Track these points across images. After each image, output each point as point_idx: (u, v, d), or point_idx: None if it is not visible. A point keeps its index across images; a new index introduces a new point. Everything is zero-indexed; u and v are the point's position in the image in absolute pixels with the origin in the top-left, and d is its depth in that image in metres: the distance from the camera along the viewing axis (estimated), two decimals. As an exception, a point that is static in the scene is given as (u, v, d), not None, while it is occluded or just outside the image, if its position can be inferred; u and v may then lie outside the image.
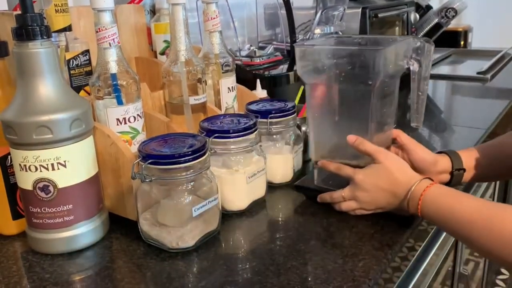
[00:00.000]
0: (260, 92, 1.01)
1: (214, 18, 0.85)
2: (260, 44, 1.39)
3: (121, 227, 0.72)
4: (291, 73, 1.13)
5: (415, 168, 0.73)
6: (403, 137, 0.77)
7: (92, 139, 0.67)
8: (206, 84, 0.86)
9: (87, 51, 0.77)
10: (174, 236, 0.64)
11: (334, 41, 0.84)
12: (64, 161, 0.62)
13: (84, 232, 0.66)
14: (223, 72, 0.88)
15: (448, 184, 0.76)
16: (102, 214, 0.69)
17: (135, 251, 0.66)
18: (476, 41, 2.32)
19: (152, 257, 0.64)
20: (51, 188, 0.62)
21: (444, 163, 0.75)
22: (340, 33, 1.24)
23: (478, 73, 1.64)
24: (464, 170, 0.75)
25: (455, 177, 0.75)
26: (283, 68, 1.17)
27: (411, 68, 0.74)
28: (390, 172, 0.68)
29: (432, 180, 0.66)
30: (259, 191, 0.77)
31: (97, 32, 0.68)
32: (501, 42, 2.24)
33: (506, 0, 2.85)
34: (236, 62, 1.12)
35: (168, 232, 0.64)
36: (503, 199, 1.80)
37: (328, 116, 0.77)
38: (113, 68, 0.69)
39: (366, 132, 0.73)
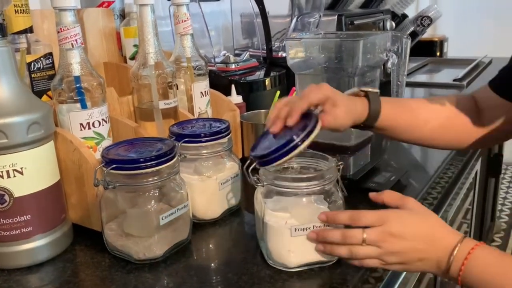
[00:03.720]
0: (235, 98, 0.99)
1: (185, 21, 0.82)
2: (236, 52, 1.37)
3: (86, 239, 0.68)
4: (267, 79, 1.11)
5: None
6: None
7: (52, 145, 0.63)
8: (177, 89, 0.83)
9: (50, 54, 0.73)
10: (141, 247, 0.60)
11: (320, 36, 0.89)
12: (21, 168, 0.58)
13: (43, 244, 0.61)
14: (195, 76, 0.85)
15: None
16: (65, 225, 0.65)
17: (100, 263, 0.62)
18: (451, 51, 2.36)
19: (117, 269, 0.60)
20: (6, 197, 0.58)
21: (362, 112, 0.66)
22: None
23: (454, 80, 1.65)
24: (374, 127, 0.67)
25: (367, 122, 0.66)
26: (259, 74, 1.15)
27: (390, 60, 0.77)
28: (428, 222, 0.54)
29: (473, 239, 0.54)
30: (233, 198, 0.74)
31: (58, 32, 0.64)
32: (475, 51, 2.28)
33: (480, 12, 2.92)
34: (211, 68, 1.09)
35: (134, 242, 0.60)
36: (482, 207, 1.80)
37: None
38: (76, 70, 0.66)
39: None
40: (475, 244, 0.52)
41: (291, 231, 0.57)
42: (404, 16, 1.75)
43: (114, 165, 0.57)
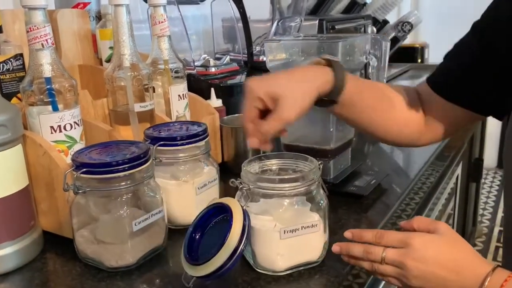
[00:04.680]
0: (215, 102, 0.97)
1: (162, 22, 0.80)
2: (217, 56, 1.36)
3: (57, 246, 0.65)
4: (248, 83, 1.09)
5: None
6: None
7: (20, 149, 0.60)
8: (154, 92, 0.81)
9: (21, 55, 0.71)
10: (113, 254, 0.58)
11: (300, 38, 0.87)
12: (-14, 173, 0.55)
13: (10, 253, 0.58)
14: (173, 78, 0.83)
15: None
16: (34, 232, 0.62)
17: (70, 271, 0.59)
18: (432, 57, 2.38)
19: (88, 278, 0.58)
20: (-31, 203, 0.55)
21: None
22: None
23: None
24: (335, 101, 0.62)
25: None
26: (240, 78, 1.14)
27: (370, 62, 0.76)
28: (457, 250, 0.52)
29: (503, 268, 0.51)
30: (211, 203, 0.72)
31: (28, 32, 0.62)
32: (456, 57, 2.29)
33: (460, 18, 2.95)
34: (190, 72, 1.07)
35: (106, 249, 0.58)
36: (464, 212, 1.81)
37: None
38: (47, 71, 0.63)
39: (329, 122, 0.76)
40: (509, 275, 0.49)
41: (280, 233, 0.55)
42: (385, 22, 1.77)
43: (84, 169, 0.55)
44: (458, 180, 1.51)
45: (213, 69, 1.10)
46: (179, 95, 0.84)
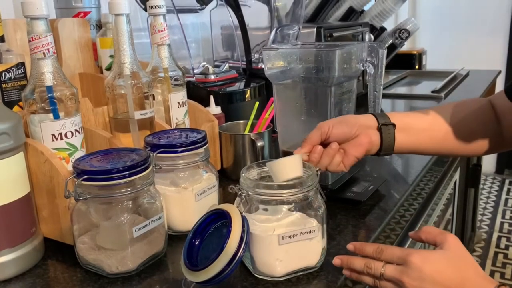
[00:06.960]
0: (214, 109, 0.98)
1: (161, 31, 0.81)
2: (216, 63, 1.37)
3: (58, 253, 0.66)
4: (246, 90, 1.10)
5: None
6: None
7: (22, 156, 0.61)
8: (154, 99, 0.82)
9: (22, 63, 0.72)
10: (113, 260, 0.58)
11: (298, 46, 0.88)
12: (-12, 180, 0.56)
13: (11, 259, 0.59)
14: (172, 86, 0.84)
15: (379, 150, 0.70)
16: (35, 239, 0.63)
17: (71, 278, 0.60)
18: (430, 63, 2.40)
19: (89, 284, 0.58)
20: (-28, 210, 0.56)
21: (368, 120, 0.70)
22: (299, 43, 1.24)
23: (432, 91, 1.68)
24: (394, 125, 0.69)
25: (385, 134, 0.69)
26: (239, 85, 1.15)
27: (367, 70, 0.77)
28: (458, 268, 0.51)
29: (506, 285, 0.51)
30: (211, 209, 0.73)
31: (30, 41, 0.63)
32: (452, 63, 2.33)
33: (456, 26, 2.98)
34: (190, 79, 1.09)
35: (107, 255, 0.59)
36: (462, 218, 1.81)
37: (294, 114, 0.82)
38: (49, 80, 0.64)
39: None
40: None
41: (279, 239, 0.56)
42: (383, 29, 1.78)
43: (85, 176, 0.56)
44: (456, 186, 1.52)
45: (212, 77, 1.11)
46: (178, 103, 0.85)
